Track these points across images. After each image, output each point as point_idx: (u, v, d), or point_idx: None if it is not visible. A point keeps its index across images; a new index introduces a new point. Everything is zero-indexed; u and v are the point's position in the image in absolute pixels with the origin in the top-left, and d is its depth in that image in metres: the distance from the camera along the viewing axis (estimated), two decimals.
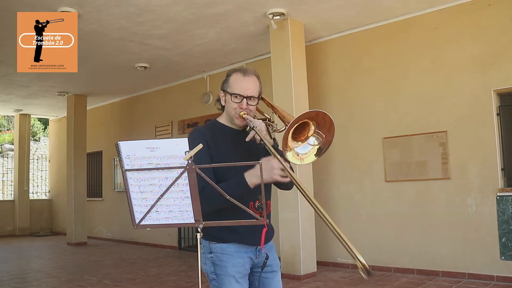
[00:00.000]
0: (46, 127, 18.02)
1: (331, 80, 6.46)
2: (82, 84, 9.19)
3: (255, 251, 1.96)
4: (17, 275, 6.56)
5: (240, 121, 1.94)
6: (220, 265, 1.90)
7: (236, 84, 1.94)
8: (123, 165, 1.62)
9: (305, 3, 5.39)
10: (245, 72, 1.96)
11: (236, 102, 1.92)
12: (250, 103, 1.93)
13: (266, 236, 1.91)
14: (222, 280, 1.90)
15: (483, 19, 5.24)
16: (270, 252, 2.03)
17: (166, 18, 5.68)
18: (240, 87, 1.92)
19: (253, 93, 1.94)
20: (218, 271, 1.91)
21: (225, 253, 1.91)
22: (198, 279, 1.80)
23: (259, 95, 1.98)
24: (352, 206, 6.23)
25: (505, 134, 5.16)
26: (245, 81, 1.93)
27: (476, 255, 5.12)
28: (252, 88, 1.94)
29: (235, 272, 1.90)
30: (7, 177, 14.37)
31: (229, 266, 1.89)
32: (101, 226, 11.08)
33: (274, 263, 2.05)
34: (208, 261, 1.94)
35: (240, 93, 1.91)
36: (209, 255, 1.94)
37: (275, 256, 2.08)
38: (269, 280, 2.03)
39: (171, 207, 1.67)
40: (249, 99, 1.92)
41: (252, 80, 1.95)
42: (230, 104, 1.95)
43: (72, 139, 10.11)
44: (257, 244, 1.93)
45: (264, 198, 1.66)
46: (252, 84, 1.94)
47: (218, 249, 1.92)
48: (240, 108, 1.92)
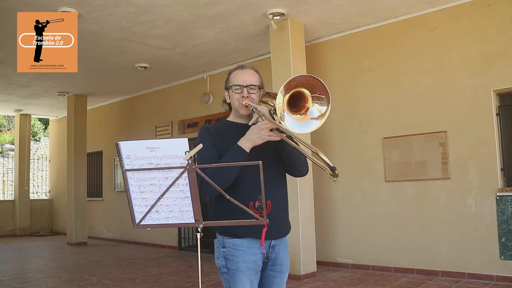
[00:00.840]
0: (47, 127, 18.03)
1: (331, 80, 6.46)
2: (82, 84, 9.19)
3: (269, 247, 1.98)
4: (17, 275, 6.56)
5: (244, 110, 2.01)
6: (232, 260, 1.93)
7: (235, 77, 2.05)
8: (123, 165, 1.62)
9: (305, 3, 5.39)
10: (243, 67, 2.07)
11: (238, 93, 2.01)
12: (251, 92, 2.01)
13: (281, 231, 2.00)
14: (233, 275, 1.92)
15: (483, 19, 5.24)
16: (284, 251, 2.06)
17: (166, 18, 5.69)
18: (239, 79, 2.03)
19: (252, 82, 2.02)
20: (229, 266, 1.94)
21: (238, 248, 1.93)
22: (198, 279, 1.81)
23: (260, 86, 2.06)
24: (352, 206, 6.23)
25: (505, 134, 5.16)
26: (243, 73, 2.04)
27: (476, 255, 5.13)
28: (251, 79, 2.03)
29: (246, 268, 1.91)
30: (7, 177, 14.39)
31: (241, 262, 1.91)
32: (101, 226, 11.08)
33: (285, 263, 2.06)
34: (220, 256, 1.98)
35: (240, 83, 2.01)
36: (222, 249, 1.97)
37: (286, 256, 2.08)
38: (275, 280, 2.04)
39: (171, 207, 1.68)
40: (249, 88, 2.01)
41: (249, 72, 2.05)
42: (233, 97, 2.04)
43: (72, 139, 10.11)
44: (270, 239, 1.96)
45: (264, 198, 1.66)
46: (250, 76, 2.04)
47: (231, 244, 1.94)
48: (242, 97, 2.00)
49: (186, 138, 1.60)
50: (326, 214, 6.46)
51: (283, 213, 2.05)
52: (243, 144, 1.87)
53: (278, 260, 2.02)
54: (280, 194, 2.04)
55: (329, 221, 6.44)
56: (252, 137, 1.86)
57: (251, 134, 1.87)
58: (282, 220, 2.03)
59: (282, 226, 2.02)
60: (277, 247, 2.01)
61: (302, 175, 2.13)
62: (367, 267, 6.02)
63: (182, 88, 9.04)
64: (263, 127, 1.84)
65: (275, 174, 2.01)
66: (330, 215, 6.45)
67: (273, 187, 1.96)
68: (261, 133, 1.84)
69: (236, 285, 1.91)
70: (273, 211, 1.92)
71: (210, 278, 5.76)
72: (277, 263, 2.02)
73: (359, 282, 5.30)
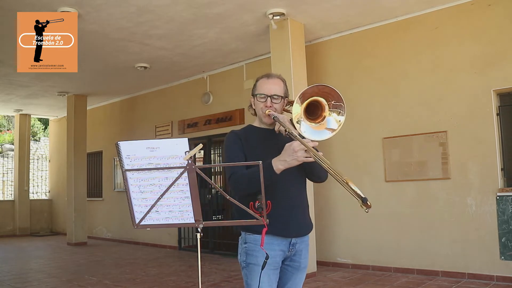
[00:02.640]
0: (46, 127, 18.03)
1: (331, 80, 6.46)
2: (82, 84, 9.19)
3: (289, 245, 2.03)
4: (17, 275, 6.56)
5: (267, 118, 2.09)
6: (252, 255, 1.99)
7: (261, 86, 2.13)
8: (123, 165, 1.62)
9: (305, 3, 5.39)
10: (269, 76, 2.16)
11: (262, 102, 2.10)
12: (274, 102, 2.09)
13: (301, 229, 2.07)
14: (252, 270, 1.97)
15: (483, 19, 5.24)
16: (305, 249, 2.11)
17: (166, 18, 5.68)
18: (264, 88, 2.12)
19: (276, 92, 2.10)
20: (249, 261, 1.99)
21: (258, 244, 1.96)
22: (198, 279, 1.80)
23: (284, 95, 2.13)
24: (352, 206, 6.22)
25: (505, 134, 5.16)
26: (268, 83, 2.12)
27: (476, 255, 5.12)
28: (275, 88, 2.11)
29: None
30: (7, 177, 14.38)
31: (260, 257, 1.94)
32: (101, 226, 11.08)
33: (303, 261, 2.11)
34: (242, 251, 2.04)
35: (264, 93, 2.10)
36: (244, 245, 2.03)
37: (306, 255, 2.13)
38: (291, 275, 2.08)
39: (171, 207, 1.68)
40: (273, 98, 2.09)
41: (275, 82, 2.13)
42: (257, 104, 2.13)
43: (72, 139, 10.10)
44: (290, 237, 2.02)
45: (264, 198, 1.66)
46: (275, 85, 2.12)
47: (252, 240, 2.00)
48: (266, 107, 2.08)
49: (186, 138, 1.60)
50: (326, 214, 6.46)
51: (303, 213, 2.10)
52: (276, 165, 1.85)
53: (296, 257, 2.07)
54: (300, 194, 2.10)
55: (329, 221, 6.44)
56: (287, 159, 1.83)
57: (286, 156, 1.83)
58: (301, 219, 2.08)
59: (301, 226, 2.07)
60: (298, 245, 2.06)
61: (321, 181, 2.16)
62: (367, 267, 6.02)
63: (182, 88, 9.04)
64: (298, 149, 1.81)
65: (295, 175, 2.05)
66: (330, 215, 6.45)
67: (293, 187, 2.04)
68: (296, 155, 1.81)
69: (253, 279, 1.96)
70: (293, 211, 2.00)
71: (210, 278, 5.76)
72: (295, 260, 2.07)
73: (359, 282, 5.30)
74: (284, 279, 2.07)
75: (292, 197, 2.03)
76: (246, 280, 2.01)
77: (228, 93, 7.99)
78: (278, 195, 1.95)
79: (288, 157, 1.83)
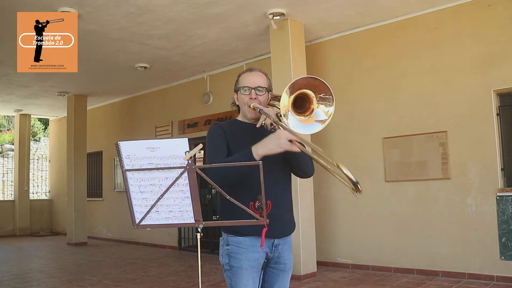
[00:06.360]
0: (46, 127, 18.02)
1: (331, 80, 6.45)
2: (82, 84, 9.19)
3: (271, 246, 1.99)
4: (17, 275, 6.56)
5: (252, 113, 2.04)
6: (235, 257, 1.95)
7: (244, 79, 2.10)
8: (123, 165, 1.62)
9: (305, 3, 5.39)
10: (251, 69, 2.13)
11: (246, 94, 2.06)
12: (259, 94, 2.05)
13: (285, 229, 2.03)
14: (235, 273, 1.94)
15: (483, 19, 5.24)
16: (287, 250, 2.07)
17: (166, 18, 5.68)
18: (247, 80, 2.08)
19: (260, 84, 2.06)
20: (232, 263, 1.95)
21: (241, 246, 1.94)
22: (198, 279, 1.80)
23: (268, 88, 2.09)
24: (352, 206, 6.23)
25: (505, 134, 5.16)
26: (251, 75, 2.09)
27: (476, 255, 5.12)
28: (259, 80, 2.07)
29: (249, 266, 1.93)
30: (7, 177, 14.38)
31: (243, 260, 1.93)
32: (101, 226, 11.08)
33: (287, 263, 2.07)
34: (224, 253, 2.00)
35: (248, 85, 2.06)
36: (226, 247, 1.99)
37: (290, 256, 2.09)
38: (277, 278, 2.05)
39: (171, 207, 1.68)
40: (257, 90, 2.05)
41: (258, 75, 2.09)
42: (241, 98, 2.09)
43: (72, 139, 10.10)
44: (274, 237, 1.98)
45: (264, 198, 1.66)
46: (258, 78, 2.08)
47: (234, 242, 1.96)
48: (250, 99, 2.04)
49: (186, 138, 1.60)
50: (326, 214, 6.46)
51: (287, 213, 2.07)
52: (256, 150, 1.81)
53: (281, 259, 2.03)
54: (284, 193, 2.06)
55: (329, 221, 6.44)
56: (269, 144, 1.79)
57: (268, 142, 1.79)
58: (286, 219, 2.04)
59: (285, 226, 2.04)
60: (280, 246, 2.02)
61: (307, 176, 2.13)
62: (367, 267, 6.02)
63: (182, 88, 9.04)
64: (283, 136, 1.77)
65: (280, 174, 2.02)
66: (330, 215, 6.44)
67: (277, 186, 1.99)
68: (280, 142, 1.77)
69: (238, 283, 1.93)
70: (277, 210, 1.94)
71: (210, 278, 5.76)
72: (280, 262, 2.03)
73: (359, 282, 5.30)
74: (270, 282, 2.04)
75: (277, 197, 1.97)
76: (229, 282, 1.97)
77: (228, 93, 7.90)
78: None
79: (270, 142, 1.78)
